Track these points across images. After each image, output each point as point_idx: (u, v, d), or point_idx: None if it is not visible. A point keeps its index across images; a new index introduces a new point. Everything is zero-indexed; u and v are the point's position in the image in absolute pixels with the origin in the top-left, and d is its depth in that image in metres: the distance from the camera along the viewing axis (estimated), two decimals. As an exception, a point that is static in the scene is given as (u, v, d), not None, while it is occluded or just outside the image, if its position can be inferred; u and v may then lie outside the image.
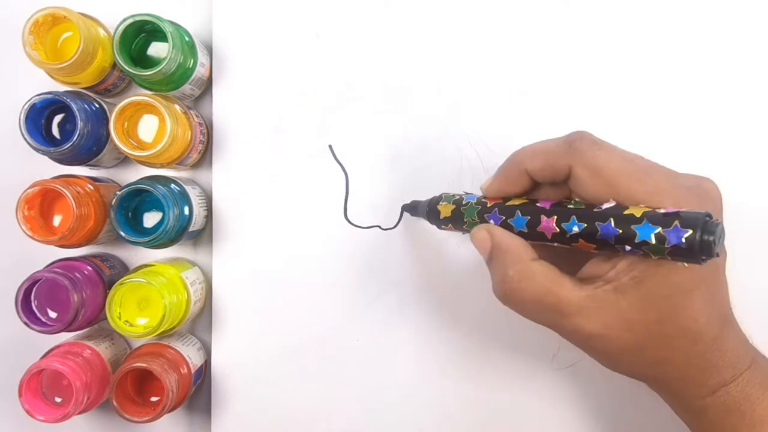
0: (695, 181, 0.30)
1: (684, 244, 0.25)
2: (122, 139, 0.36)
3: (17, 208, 0.36)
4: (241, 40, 0.42)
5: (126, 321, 0.37)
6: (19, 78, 0.42)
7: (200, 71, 0.40)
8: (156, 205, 0.40)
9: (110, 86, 0.41)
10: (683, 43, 0.40)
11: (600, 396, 0.41)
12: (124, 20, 0.36)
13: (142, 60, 0.40)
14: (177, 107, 0.38)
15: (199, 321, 0.43)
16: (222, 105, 0.42)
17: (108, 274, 0.40)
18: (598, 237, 0.28)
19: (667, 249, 0.26)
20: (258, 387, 0.42)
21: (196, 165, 0.43)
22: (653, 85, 0.40)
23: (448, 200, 0.34)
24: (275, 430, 0.42)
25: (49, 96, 0.36)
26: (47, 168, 0.40)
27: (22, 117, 0.36)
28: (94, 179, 0.40)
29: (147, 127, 0.38)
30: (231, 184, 0.42)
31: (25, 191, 0.36)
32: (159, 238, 0.37)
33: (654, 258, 0.27)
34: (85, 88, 0.40)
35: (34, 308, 0.37)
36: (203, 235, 0.43)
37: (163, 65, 0.36)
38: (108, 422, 0.43)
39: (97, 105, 0.39)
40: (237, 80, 0.42)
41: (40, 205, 0.38)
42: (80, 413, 0.37)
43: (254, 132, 0.42)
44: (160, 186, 0.37)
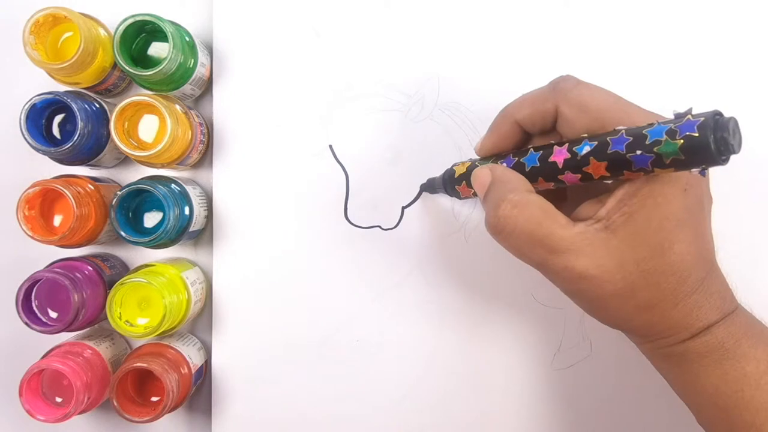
0: None
1: (696, 132, 0.24)
2: (123, 139, 0.36)
3: (18, 208, 0.36)
4: (242, 40, 0.42)
5: (126, 321, 0.37)
6: (20, 78, 0.42)
7: (200, 71, 0.40)
8: (156, 205, 0.40)
9: (111, 86, 0.41)
10: (684, 44, 0.40)
11: (600, 396, 0.41)
12: (125, 20, 0.36)
13: (143, 60, 0.40)
14: (177, 107, 0.38)
15: (200, 321, 0.43)
16: (222, 105, 0.42)
17: (108, 274, 0.40)
18: (610, 151, 0.27)
19: (680, 143, 0.25)
20: (258, 387, 0.42)
21: (197, 165, 0.43)
22: (653, 86, 0.40)
23: (462, 163, 0.35)
24: (275, 430, 0.42)
25: (50, 96, 0.36)
26: (47, 168, 0.40)
27: (23, 117, 0.36)
28: (95, 179, 0.40)
29: (147, 127, 0.38)
30: (231, 184, 0.42)
31: (26, 191, 0.36)
32: (159, 238, 0.37)
33: (657, 173, 0.26)
34: (86, 88, 0.40)
35: (35, 308, 0.37)
36: (203, 235, 0.43)
37: (164, 65, 0.36)
38: (108, 422, 0.43)
39: (98, 105, 0.39)
40: (237, 80, 0.42)
41: (41, 205, 0.38)
42: (81, 413, 0.37)
43: (254, 132, 0.42)
44: (161, 186, 0.37)
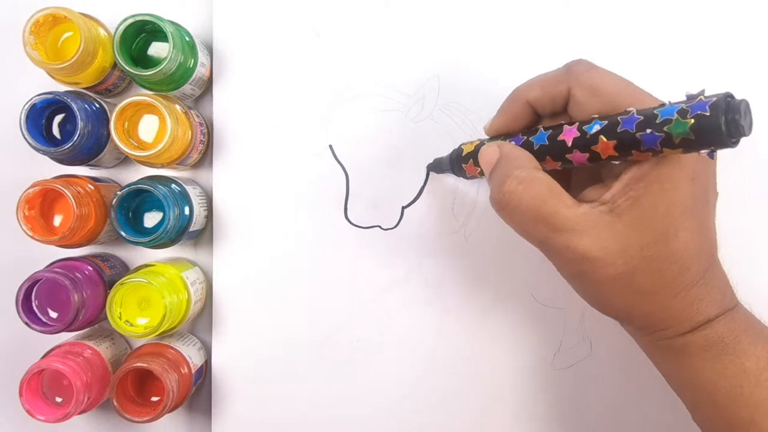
0: None
1: (708, 112, 0.24)
2: (123, 139, 0.36)
3: (18, 208, 0.36)
4: (242, 40, 0.42)
5: (126, 321, 0.37)
6: (20, 78, 0.42)
7: (201, 71, 0.40)
8: (156, 205, 0.40)
9: (111, 86, 0.41)
10: (684, 44, 0.40)
11: (600, 396, 0.41)
12: (125, 20, 0.36)
13: (143, 60, 0.40)
14: (177, 107, 0.38)
15: (200, 321, 0.43)
16: (222, 105, 0.42)
17: (108, 274, 0.40)
18: (619, 130, 0.27)
19: (691, 122, 0.24)
20: (258, 387, 0.42)
21: (197, 165, 0.43)
22: (653, 86, 0.40)
23: (470, 143, 0.35)
24: (275, 430, 0.42)
25: (50, 96, 0.36)
26: (48, 168, 0.40)
27: (23, 117, 0.36)
28: (95, 179, 0.40)
29: (147, 127, 0.38)
30: (231, 184, 0.42)
31: (26, 191, 0.36)
32: (159, 238, 0.37)
33: (665, 154, 0.26)
34: (86, 88, 0.40)
35: (35, 308, 0.37)
36: (203, 235, 0.43)
37: (164, 65, 0.36)
38: (108, 422, 0.43)
39: (98, 105, 0.39)
40: (237, 80, 0.42)
41: (41, 205, 0.38)
42: (81, 413, 0.37)
43: (254, 132, 0.42)
44: (161, 186, 0.37)
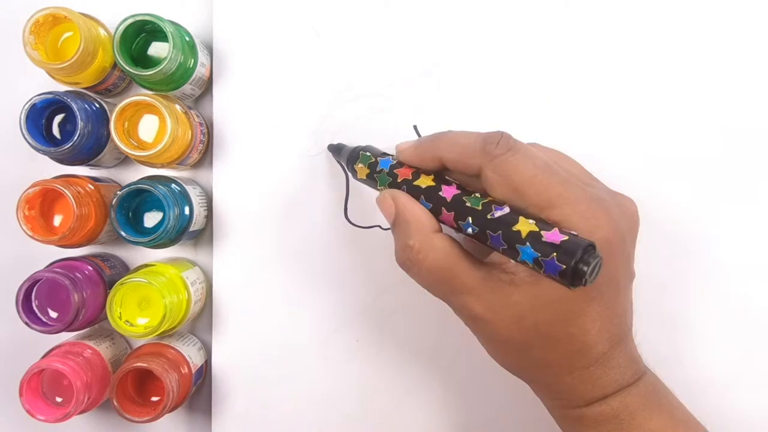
0: (613, 197, 0.30)
1: (557, 276, 0.26)
2: (123, 139, 0.36)
3: (18, 208, 0.36)
4: (241, 40, 0.42)
5: (126, 321, 0.37)
6: (20, 78, 0.42)
7: (201, 71, 0.40)
8: (156, 205, 0.40)
9: (111, 86, 0.41)
10: (684, 44, 0.40)
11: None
12: (125, 20, 0.36)
13: (143, 60, 0.40)
14: (177, 107, 0.38)
15: (200, 321, 0.43)
16: (222, 105, 0.42)
17: (108, 274, 0.40)
18: (489, 244, 0.29)
19: (543, 274, 0.27)
20: (258, 387, 0.42)
21: (197, 165, 0.43)
22: (653, 86, 0.40)
23: (365, 161, 0.35)
24: (275, 430, 0.42)
25: (50, 96, 0.36)
26: (48, 168, 0.40)
27: (23, 117, 0.36)
28: (95, 179, 0.40)
29: (147, 127, 0.38)
30: (231, 184, 0.42)
31: (26, 191, 0.36)
32: (159, 238, 0.37)
33: None
34: (86, 88, 0.40)
35: (35, 308, 0.37)
36: (203, 235, 0.43)
37: (164, 65, 0.36)
38: (108, 422, 0.43)
39: (98, 105, 0.39)
40: (237, 80, 0.42)
41: (41, 205, 0.38)
42: (81, 413, 0.37)
43: (254, 132, 0.42)
44: (161, 186, 0.37)
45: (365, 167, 0.35)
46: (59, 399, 0.38)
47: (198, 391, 0.43)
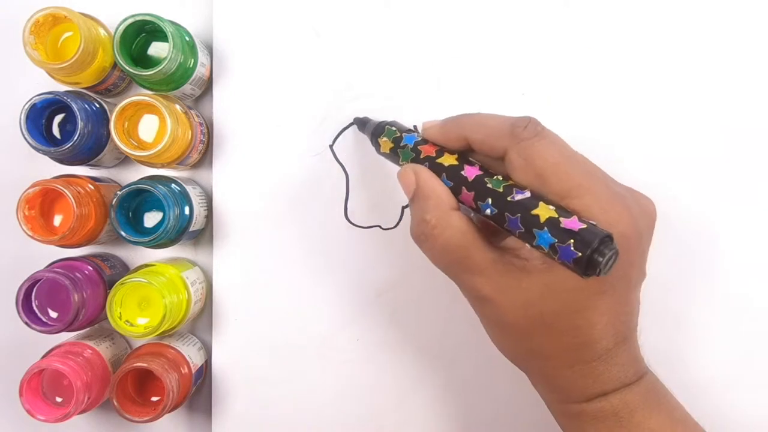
0: (632, 194, 0.30)
1: (571, 264, 0.26)
2: (123, 139, 0.36)
3: (18, 208, 0.36)
4: (241, 40, 0.42)
5: (126, 321, 0.37)
6: (20, 78, 0.42)
7: (201, 71, 0.40)
8: (156, 205, 0.40)
9: (111, 86, 0.41)
10: (684, 44, 0.40)
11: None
12: (125, 20, 0.36)
13: (143, 60, 0.40)
14: (177, 107, 0.38)
15: (200, 321, 0.43)
16: (222, 105, 0.42)
17: (108, 274, 0.40)
18: (506, 227, 0.29)
19: (557, 261, 0.27)
20: (258, 387, 0.42)
21: (197, 165, 0.43)
22: (654, 86, 0.40)
23: (389, 136, 0.35)
24: (275, 430, 0.42)
25: (50, 96, 0.36)
26: (48, 168, 0.40)
27: (23, 117, 0.36)
28: (95, 179, 0.40)
29: (147, 127, 0.38)
30: (231, 184, 0.42)
31: (26, 191, 0.36)
32: (159, 238, 0.37)
33: None
34: (86, 88, 0.40)
35: (35, 308, 0.37)
36: (203, 235, 0.43)
37: (164, 65, 0.36)
38: (108, 422, 0.43)
39: (98, 105, 0.39)
40: (237, 80, 0.42)
41: (41, 205, 0.38)
42: (81, 413, 0.37)
43: (254, 132, 0.42)
44: (161, 186, 0.37)
45: (389, 141, 0.35)
46: (59, 399, 0.38)
47: (198, 391, 0.43)
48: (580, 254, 0.25)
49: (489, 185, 0.29)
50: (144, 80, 0.38)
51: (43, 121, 0.39)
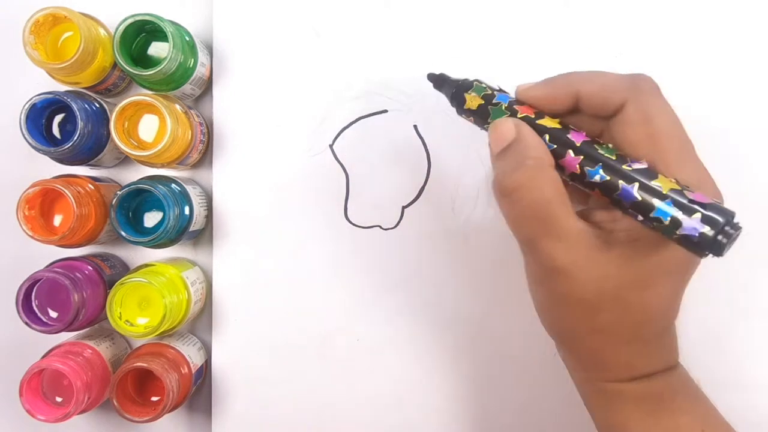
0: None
1: (696, 238, 0.24)
2: (123, 139, 0.36)
3: (18, 208, 0.36)
4: (241, 40, 0.42)
5: (126, 321, 0.37)
6: (20, 78, 0.42)
7: (201, 71, 0.40)
8: (156, 205, 0.40)
9: (111, 86, 0.41)
10: (684, 44, 0.40)
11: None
12: (125, 20, 0.36)
13: (143, 60, 0.40)
14: (177, 107, 0.38)
15: (200, 321, 0.43)
16: (222, 105, 0.42)
17: (108, 274, 0.40)
18: (616, 196, 0.26)
19: (677, 236, 0.25)
20: (258, 387, 0.42)
21: (197, 165, 0.43)
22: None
23: (479, 91, 0.31)
24: (275, 430, 0.42)
25: (50, 96, 0.36)
26: (48, 168, 0.40)
27: (23, 117, 0.36)
28: (95, 179, 0.40)
29: (147, 127, 0.38)
30: (231, 184, 0.42)
31: (26, 191, 0.36)
32: (159, 238, 0.37)
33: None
34: (86, 88, 0.40)
35: (35, 308, 0.37)
36: (203, 235, 0.43)
37: (164, 65, 0.36)
38: (108, 422, 0.43)
39: (98, 105, 0.39)
40: (237, 80, 0.42)
41: (41, 205, 0.38)
42: (81, 413, 0.37)
43: (254, 132, 0.42)
44: (161, 186, 0.37)
45: (478, 97, 0.31)
46: (59, 399, 0.38)
47: (198, 391, 0.43)
48: (710, 229, 0.24)
49: (600, 151, 0.27)
50: (144, 80, 0.38)
51: (43, 121, 0.39)
